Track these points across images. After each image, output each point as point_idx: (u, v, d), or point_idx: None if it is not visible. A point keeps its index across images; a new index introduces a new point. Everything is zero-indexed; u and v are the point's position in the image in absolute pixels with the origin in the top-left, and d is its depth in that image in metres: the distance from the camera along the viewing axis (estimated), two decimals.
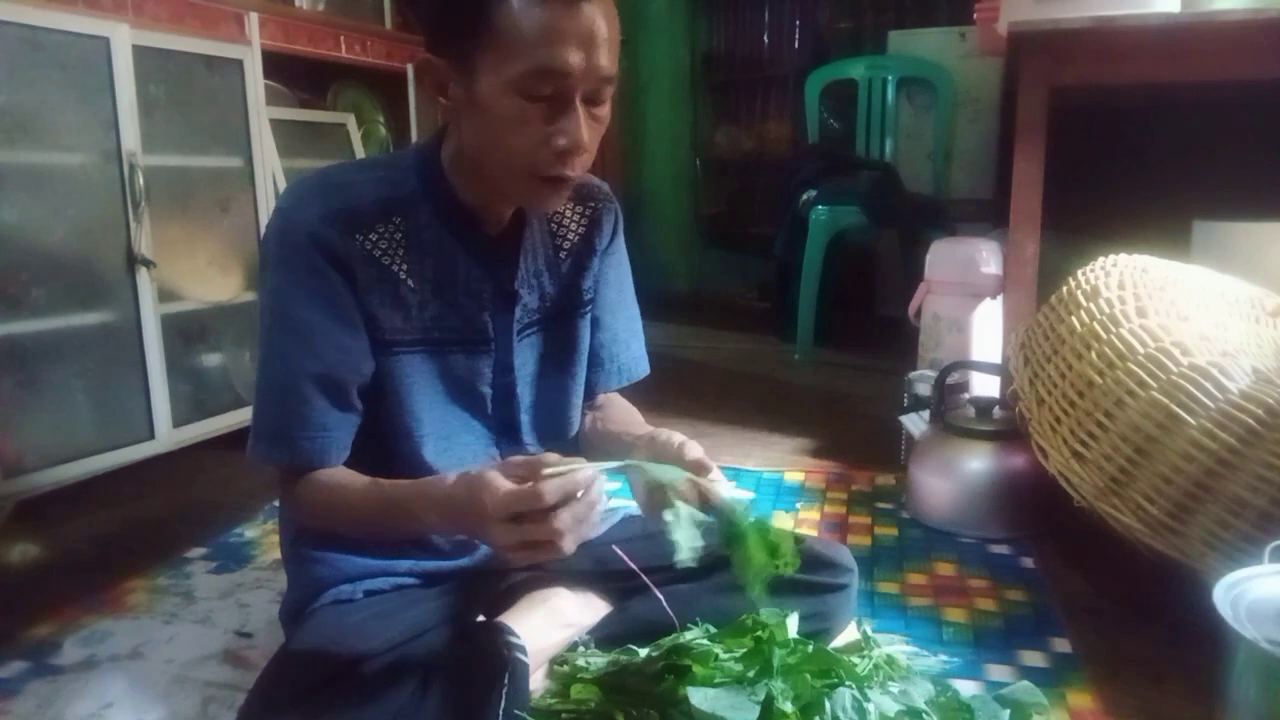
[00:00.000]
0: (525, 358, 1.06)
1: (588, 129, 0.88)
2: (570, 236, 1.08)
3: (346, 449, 0.96)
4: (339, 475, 0.95)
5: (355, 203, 0.93)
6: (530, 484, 0.78)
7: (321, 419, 0.93)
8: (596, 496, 0.81)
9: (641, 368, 1.19)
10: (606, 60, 0.86)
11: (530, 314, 1.05)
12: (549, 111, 0.86)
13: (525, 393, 1.06)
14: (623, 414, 1.15)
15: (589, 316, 1.11)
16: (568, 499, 0.78)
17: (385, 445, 0.98)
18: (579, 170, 0.91)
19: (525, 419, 1.07)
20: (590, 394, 1.15)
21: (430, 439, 0.99)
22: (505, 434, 1.06)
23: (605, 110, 0.91)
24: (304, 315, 0.91)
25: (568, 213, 1.08)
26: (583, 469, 0.80)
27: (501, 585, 1.05)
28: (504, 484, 0.79)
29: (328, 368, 0.92)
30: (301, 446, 0.93)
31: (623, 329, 1.16)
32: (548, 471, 0.79)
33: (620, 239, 1.15)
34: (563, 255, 1.08)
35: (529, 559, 0.81)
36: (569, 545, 0.79)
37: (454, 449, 1.01)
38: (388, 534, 0.99)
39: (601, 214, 1.11)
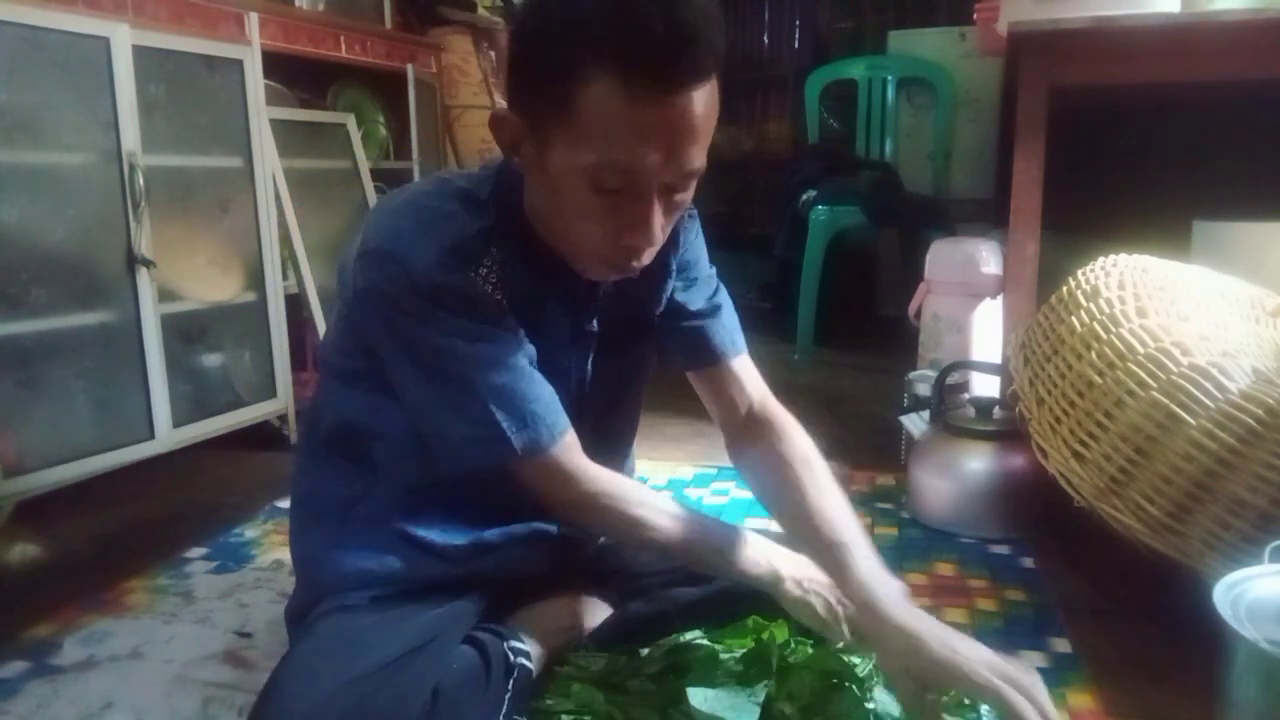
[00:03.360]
0: (597, 380, 1.04)
1: (662, 220, 0.83)
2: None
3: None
4: (602, 472, 0.95)
5: (460, 236, 0.88)
6: None
7: (539, 389, 0.90)
8: None
9: (741, 340, 1.14)
10: (695, 154, 0.79)
11: (600, 338, 1.03)
12: (621, 203, 0.81)
13: (591, 413, 1.04)
14: (805, 474, 1.02)
15: (650, 337, 1.09)
16: None
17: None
18: (647, 260, 0.87)
19: (593, 433, 1.05)
20: (704, 357, 1.10)
21: None
22: None
23: (686, 197, 0.85)
24: (462, 335, 0.88)
25: None
26: None
27: (504, 590, 1.04)
28: None
29: (516, 354, 0.90)
30: (542, 422, 0.89)
31: (724, 308, 1.12)
32: None
33: (698, 239, 1.10)
34: (638, 279, 1.03)
35: None
36: None
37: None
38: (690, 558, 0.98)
39: (679, 228, 1.05)
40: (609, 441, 1.09)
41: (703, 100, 0.78)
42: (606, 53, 0.74)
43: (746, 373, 1.14)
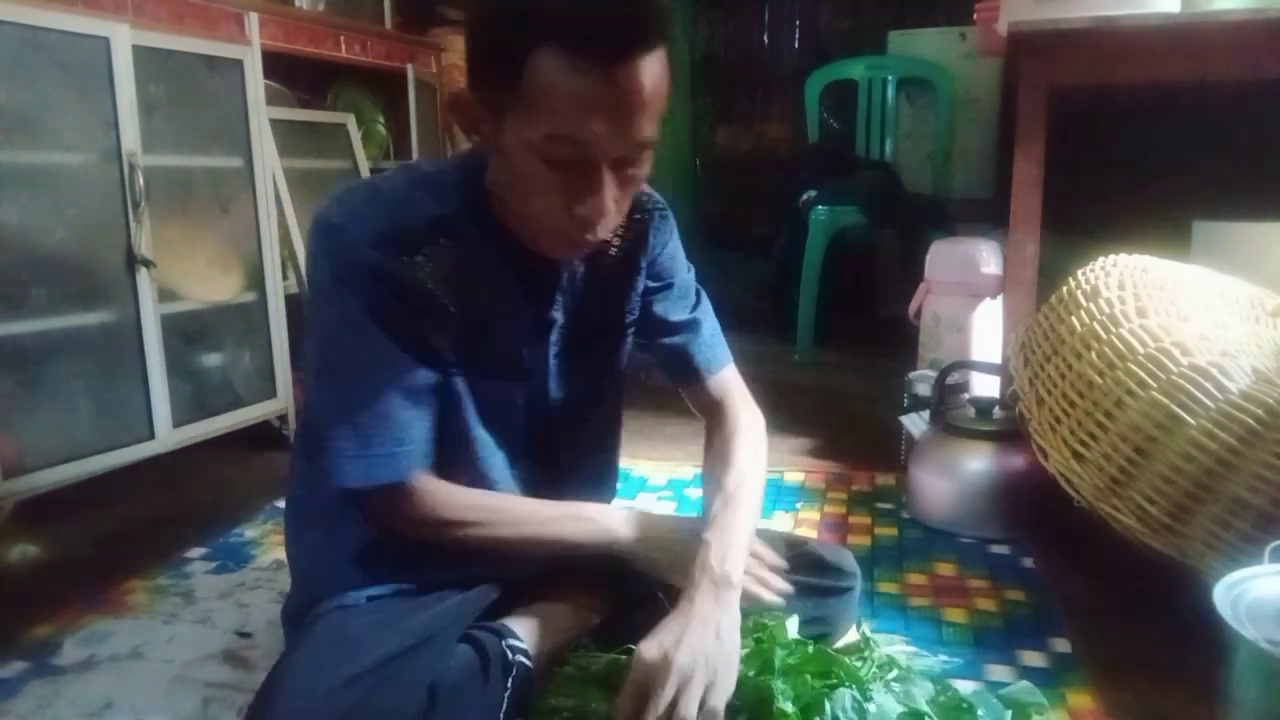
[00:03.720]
0: (563, 383, 1.04)
1: (616, 193, 0.84)
2: (611, 251, 1.04)
3: (433, 452, 0.94)
4: (456, 489, 0.95)
5: (406, 221, 0.89)
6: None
7: (410, 427, 0.91)
8: None
9: (725, 354, 1.15)
10: (643, 125, 0.80)
11: (564, 336, 1.02)
12: (572, 179, 0.81)
13: (560, 418, 1.05)
14: (714, 460, 1.10)
15: (629, 338, 1.09)
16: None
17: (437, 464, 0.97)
18: (604, 234, 0.87)
19: (565, 447, 1.07)
20: (688, 374, 1.13)
21: (467, 461, 0.98)
22: (540, 461, 1.05)
23: (641, 170, 0.86)
24: (366, 332, 0.88)
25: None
26: None
27: (503, 589, 1.04)
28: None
29: (403, 377, 0.90)
30: (400, 458, 0.91)
31: (704, 323, 1.13)
32: None
33: (674, 241, 1.10)
34: (603, 275, 1.04)
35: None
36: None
37: (486, 476, 1.00)
38: (535, 551, 1.00)
39: (648, 226, 1.06)
40: (586, 458, 1.10)
41: (650, 71, 0.78)
42: (553, 27, 0.75)
43: (727, 387, 1.15)
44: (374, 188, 0.94)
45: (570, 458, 1.09)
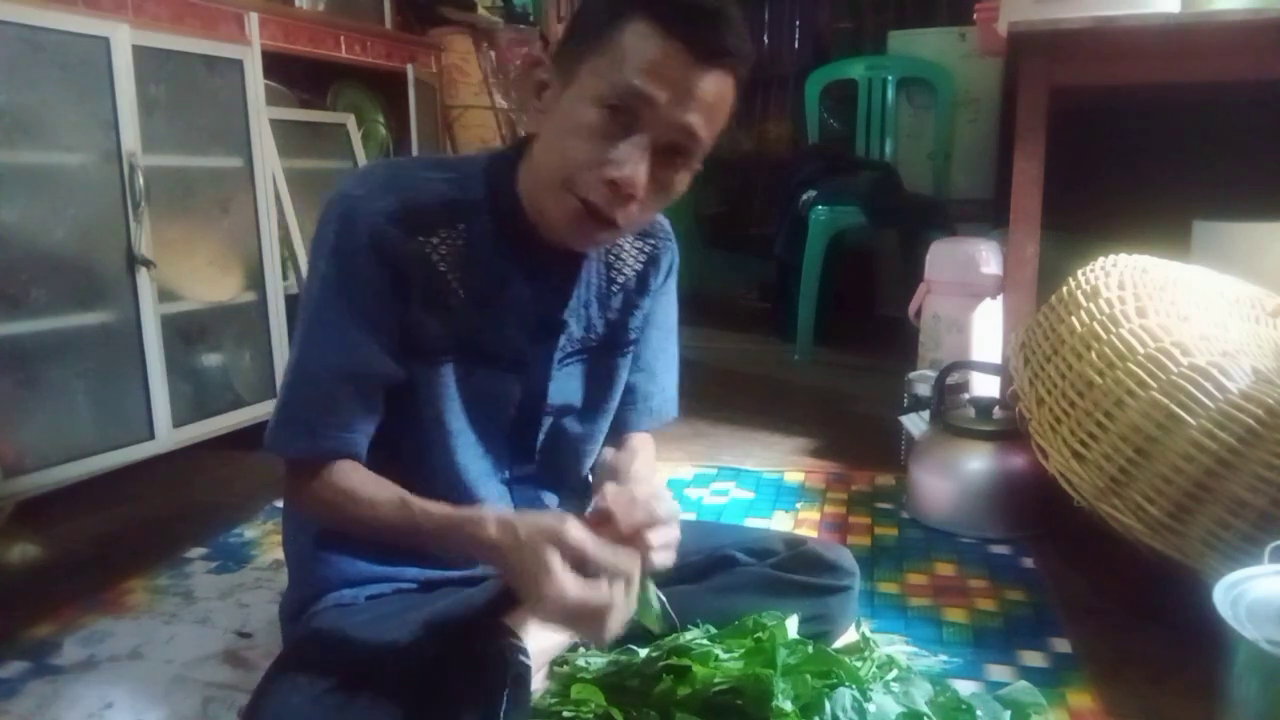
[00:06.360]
0: (561, 388, 1.04)
1: (648, 176, 0.85)
2: (626, 271, 1.06)
3: (364, 450, 0.94)
4: (365, 481, 0.92)
5: (423, 202, 0.91)
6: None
7: (348, 417, 0.92)
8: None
9: (671, 410, 1.18)
10: (697, 120, 0.85)
11: (574, 344, 1.03)
12: (618, 132, 0.84)
13: (549, 422, 1.05)
14: (625, 457, 1.08)
15: (630, 355, 1.10)
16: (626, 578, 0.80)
17: (403, 451, 0.97)
18: (622, 219, 0.88)
19: (544, 448, 1.06)
20: (618, 430, 1.14)
21: (441, 451, 0.98)
22: (519, 460, 1.05)
23: (678, 178, 0.89)
24: (344, 311, 0.90)
25: (626, 246, 1.06)
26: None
27: (502, 588, 1.04)
28: (578, 528, 0.80)
29: (359, 366, 0.91)
30: (325, 439, 0.91)
31: (661, 370, 1.15)
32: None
33: (674, 279, 1.13)
34: (614, 289, 1.05)
35: (572, 620, 0.81)
36: (616, 625, 0.80)
37: (460, 466, 0.99)
38: (403, 546, 0.97)
39: (660, 253, 1.09)
40: (565, 454, 1.09)
41: (719, 80, 0.85)
42: (657, 6, 0.82)
43: (641, 440, 1.16)
44: (398, 165, 0.95)
45: (553, 462, 1.08)
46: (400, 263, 0.90)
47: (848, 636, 1.14)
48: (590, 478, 1.15)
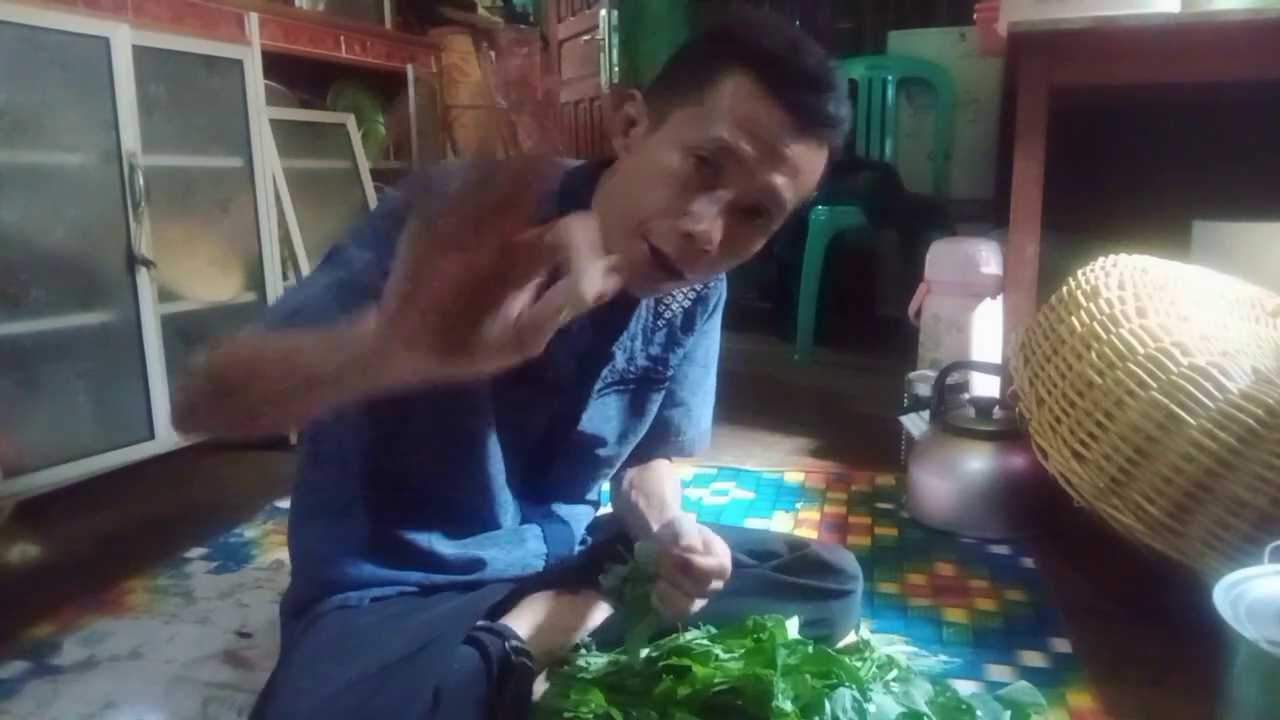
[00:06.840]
0: (594, 417, 1.03)
1: (723, 235, 0.83)
2: (674, 307, 1.05)
3: None
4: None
5: None
6: None
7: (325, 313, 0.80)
8: None
9: (702, 445, 1.17)
10: (781, 182, 0.83)
11: (614, 374, 1.03)
12: (698, 186, 0.82)
13: (572, 448, 1.05)
14: (657, 485, 1.11)
15: (663, 391, 1.09)
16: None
17: (429, 455, 0.96)
18: (689, 273, 0.87)
19: (559, 470, 1.06)
20: (643, 457, 1.13)
21: (464, 455, 0.97)
22: (534, 474, 1.05)
23: (754, 240, 0.88)
24: (365, 287, 0.74)
25: None
26: None
27: (504, 590, 1.04)
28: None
29: (352, 275, 0.81)
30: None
31: (697, 405, 1.14)
32: None
33: (718, 317, 1.12)
34: (660, 324, 1.05)
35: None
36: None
37: (488, 475, 0.99)
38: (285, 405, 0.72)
39: (710, 292, 1.08)
40: (580, 477, 1.09)
41: (813, 153, 0.84)
42: (765, 58, 0.81)
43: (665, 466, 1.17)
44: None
45: (569, 479, 1.09)
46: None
47: (849, 638, 1.14)
48: (605, 489, 1.16)
